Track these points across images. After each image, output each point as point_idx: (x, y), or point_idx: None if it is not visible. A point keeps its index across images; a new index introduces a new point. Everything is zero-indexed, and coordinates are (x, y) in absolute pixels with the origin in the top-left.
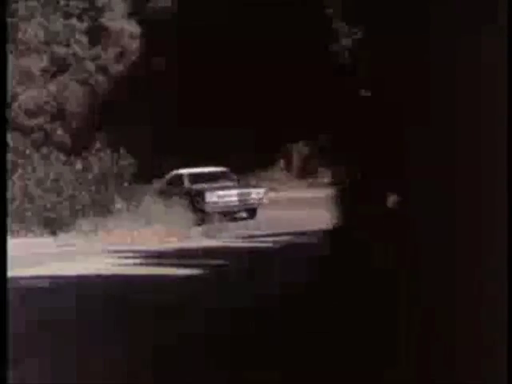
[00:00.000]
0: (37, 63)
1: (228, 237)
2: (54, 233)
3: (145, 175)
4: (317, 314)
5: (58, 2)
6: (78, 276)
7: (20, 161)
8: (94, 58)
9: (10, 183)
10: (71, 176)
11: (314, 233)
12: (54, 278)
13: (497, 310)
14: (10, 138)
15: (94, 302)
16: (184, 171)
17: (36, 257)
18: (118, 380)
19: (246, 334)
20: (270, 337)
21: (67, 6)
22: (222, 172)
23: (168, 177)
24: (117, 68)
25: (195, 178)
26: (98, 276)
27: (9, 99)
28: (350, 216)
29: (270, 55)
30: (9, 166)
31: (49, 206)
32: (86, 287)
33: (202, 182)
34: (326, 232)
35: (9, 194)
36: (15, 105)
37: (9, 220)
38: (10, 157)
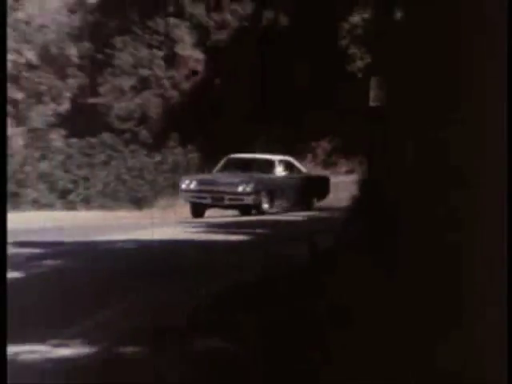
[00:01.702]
0: (127, 82)
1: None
2: (140, 208)
3: (208, 165)
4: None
5: (143, 36)
6: (156, 240)
7: (115, 154)
8: (169, 78)
9: (107, 171)
10: (152, 166)
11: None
12: (139, 242)
13: (497, 309)
14: (108, 137)
15: (165, 259)
16: (233, 156)
17: (127, 226)
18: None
19: None
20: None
21: (150, 39)
22: (264, 161)
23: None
24: (186, 85)
25: (232, 164)
26: (171, 240)
27: (105, 109)
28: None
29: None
30: (105, 158)
31: (136, 188)
32: (161, 248)
33: (231, 171)
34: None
35: (106, 179)
36: (112, 113)
37: (106, 199)
38: (106, 151)
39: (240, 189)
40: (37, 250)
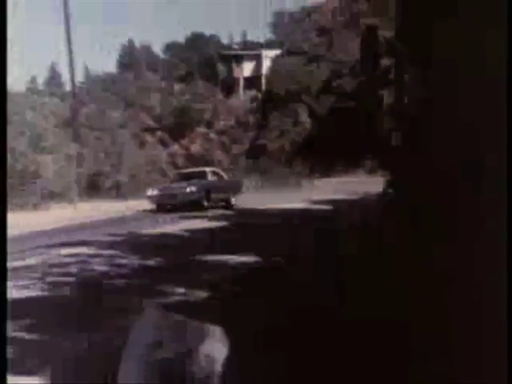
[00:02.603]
0: (274, 134)
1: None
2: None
3: (313, 174)
4: None
5: (282, 112)
6: (290, 207)
7: (267, 168)
8: (295, 131)
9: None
10: (287, 173)
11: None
12: (284, 209)
13: (497, 310)
14: (265, 159)
15: (291, 218)
16: (178, 171)
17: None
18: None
19: None
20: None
21: (287, 114)
22: (200, 172)
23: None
24: (304, 134)
25: (178, 177)
26: (299, 207)
27: (263, 146)
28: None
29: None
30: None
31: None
32: (290, 213)
33: (179, 181)
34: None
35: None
36: (267, 148)
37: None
38: (264, 167)
39: (188, 190)
40: (233, 212)
